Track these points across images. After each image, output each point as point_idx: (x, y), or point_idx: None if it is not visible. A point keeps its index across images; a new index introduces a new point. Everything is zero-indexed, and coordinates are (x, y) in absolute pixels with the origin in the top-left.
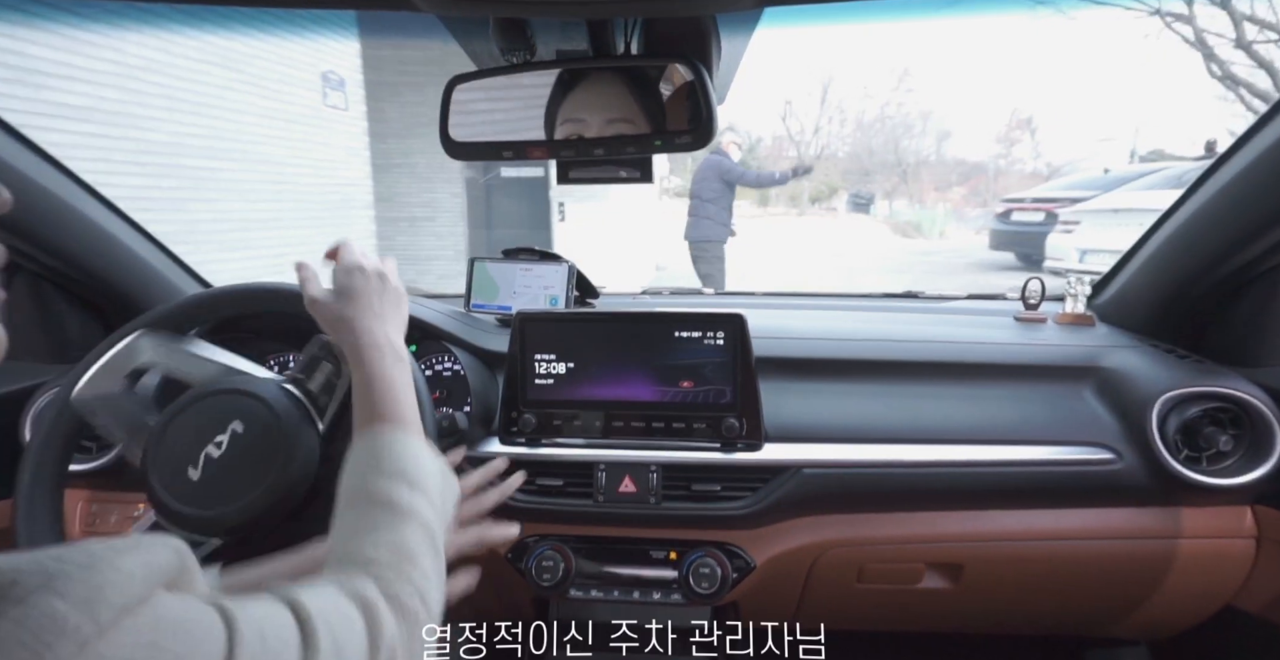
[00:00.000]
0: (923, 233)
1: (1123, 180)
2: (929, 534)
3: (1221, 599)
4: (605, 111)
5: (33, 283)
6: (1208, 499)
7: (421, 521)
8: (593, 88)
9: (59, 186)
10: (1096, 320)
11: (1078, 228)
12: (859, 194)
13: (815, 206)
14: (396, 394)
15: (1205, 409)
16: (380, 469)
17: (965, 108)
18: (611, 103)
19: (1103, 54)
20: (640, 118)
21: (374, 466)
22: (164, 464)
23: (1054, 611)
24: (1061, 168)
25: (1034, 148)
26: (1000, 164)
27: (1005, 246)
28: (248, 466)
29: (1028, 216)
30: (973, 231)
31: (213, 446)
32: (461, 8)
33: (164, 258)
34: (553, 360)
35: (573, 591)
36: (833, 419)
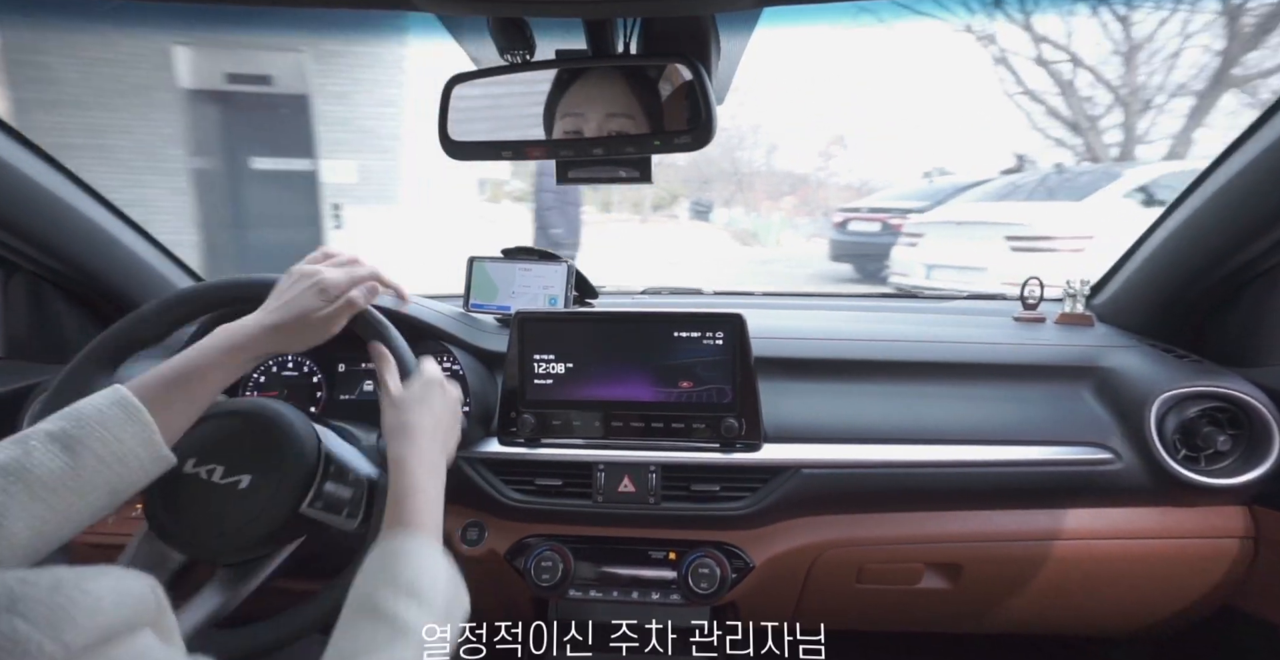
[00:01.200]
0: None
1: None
2: (928, 534)
3: (1219, 599)
4: (605, 106)
5: (31, 283)
6: (1206, 499)
7: (420, 641)
8: (592, 83)
9: (57, 186)
10: (1095, 320)
11: (921, 241)
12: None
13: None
14: (428, 505)
15: (1203, 409)
16: (393, 581)
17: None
18: (611, 97)
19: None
20: (640, 113)
21: (389, 577)
22: (164, 477)
23: (1053, 611)
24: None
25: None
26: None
27: (846, 258)
28: (245, 496)
29: (865, 226)
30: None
31: (216, 469)
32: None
33: (162, 257)
34: (552, 360)
35: (572, 592)
36: (832, 419)
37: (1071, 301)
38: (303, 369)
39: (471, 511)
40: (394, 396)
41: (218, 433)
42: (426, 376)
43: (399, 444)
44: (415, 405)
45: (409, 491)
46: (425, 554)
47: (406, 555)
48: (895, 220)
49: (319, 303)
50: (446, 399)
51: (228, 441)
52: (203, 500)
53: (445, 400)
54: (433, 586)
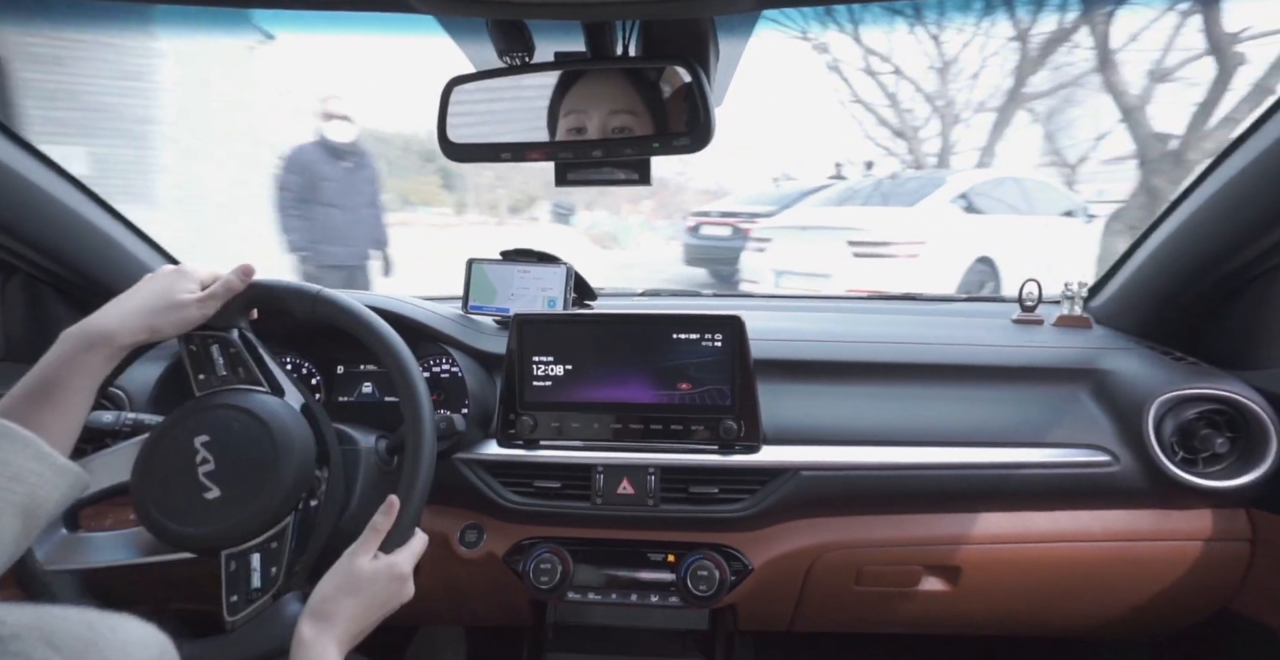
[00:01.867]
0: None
1: (799, 195)
2: (927, 536)
3: (1217, 602)
4: (609, 103)
5: (28, 285)
6: (1203, 501)
7: None
8: (595, 80)
9: (54, 187)
10: (1093, 322)
11: (769, 246)
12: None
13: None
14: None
15: (1201, 411)
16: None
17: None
18: (614, 94)
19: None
20: (643, 110)
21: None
22: (154, 478)
23: (1051, 613)
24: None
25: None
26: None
27: (700, 262)
28: (239, 483)
29: (716, 230)
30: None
31: (204, 462)
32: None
33: (160, 259)
34: (551, 362)
35: (570, 594)
36: (831, 421)
37: (1069, 303)
38: (301, 371)
39: (470, 514)
40: (349, 568)
41: (208, 427)
42: (397, 571)
43: (314, 627)
44: (357, 592)
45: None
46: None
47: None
48: (745, 224)
49: (184, 284)
50: (396, 595)
51: (218, 435)
52: (195, 494)
53: (395, 595)
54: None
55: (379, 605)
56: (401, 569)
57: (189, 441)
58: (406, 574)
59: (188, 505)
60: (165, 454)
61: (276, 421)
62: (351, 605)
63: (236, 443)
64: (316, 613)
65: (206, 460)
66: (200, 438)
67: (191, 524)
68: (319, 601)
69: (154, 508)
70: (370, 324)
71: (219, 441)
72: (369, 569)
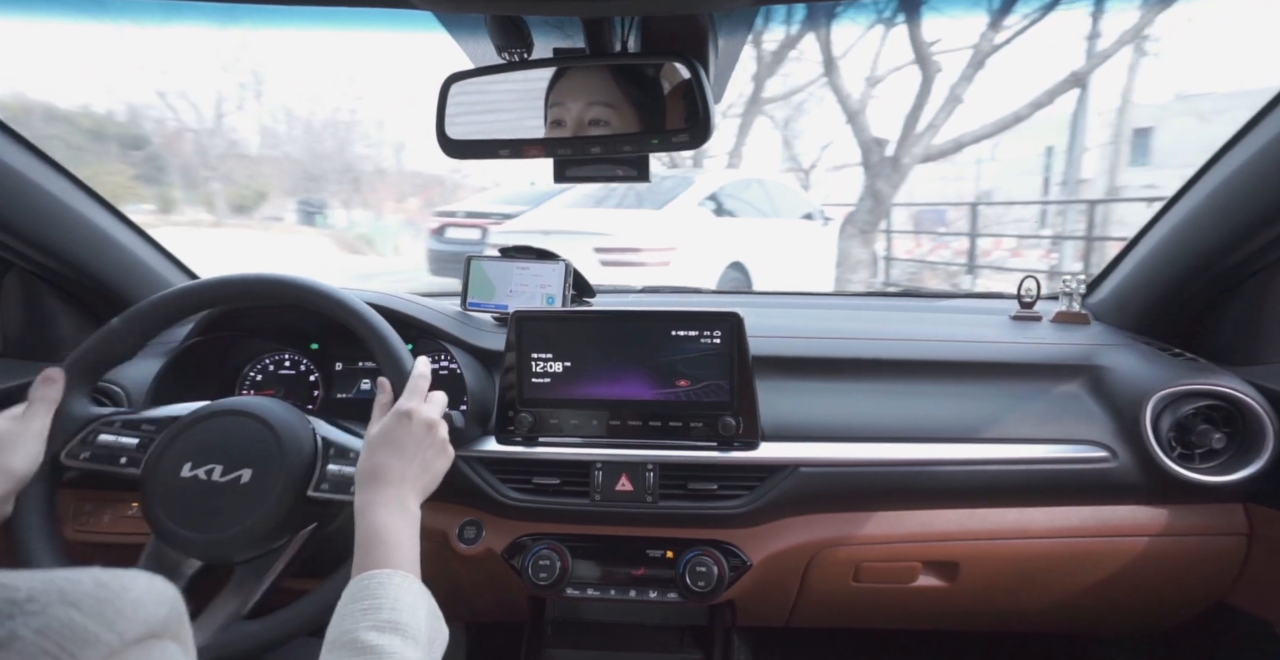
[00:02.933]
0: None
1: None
2: (925, 532)
3: (1213, 596)
4: (586, 95)
5: (26, 281)
6: (1200, 496)
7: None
8: (578, 74)
9: (52, 184)
10: (1091, 319)
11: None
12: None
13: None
14: (397, 548)
15: (1198, 407)
16: (373, 618)
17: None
18: (591, 86)
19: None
20: (623, 103)
21: (367, 613)
22: (163, 484)
23: (1049, 608)
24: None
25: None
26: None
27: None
28: (247, 490)
29: (464, 234)
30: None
31: (215, 468)
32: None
33: (160, 256)
34: (549, 359)
35: (569, 590)
36: (829, 418)
37: (1068, 300)
38: (300, 368)
39: (469, 510)
40: (368, 436)
41: (210, 434)
42: (397, 409)
43: (364, 491)
44: (381, 447)
45: (375, 539)
46: (403, 589)
47: (383, 592)
48: (495, 226)
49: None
50: (415, 430)
51: (222, 441)
52: (206, 501)
53: (415, 432)
54: (413, 620)
55: (411, 447)
56: (404, 406)
57: (192, 449)
58: (411, 407)
59: (200, 510)
60: (173, 462)
61: (277, 419)
62: (387, 457)
63: (242, 444)
64: (362, 478)
65: (214, 467)
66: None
67: (206, 530)
68: (360, 471)
69: (165, 517)
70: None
71: (224, 446)
72: (380, 426)
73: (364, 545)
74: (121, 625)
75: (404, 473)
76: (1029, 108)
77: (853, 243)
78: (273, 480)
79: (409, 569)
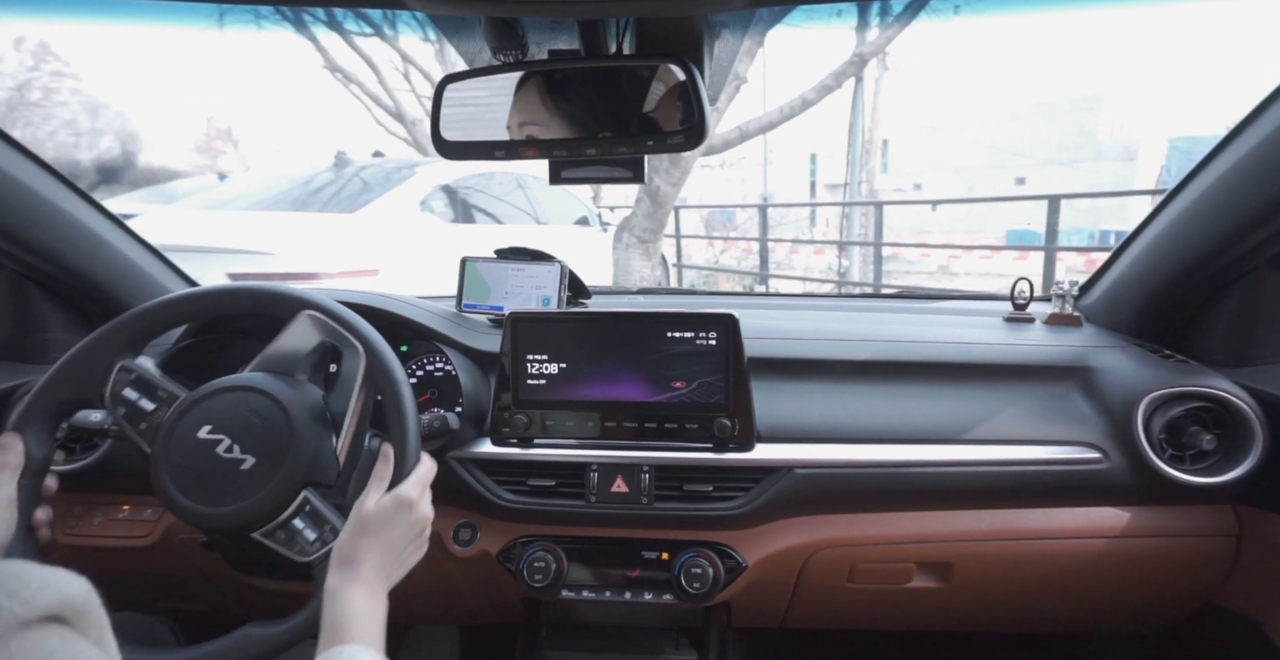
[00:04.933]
0: None
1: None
2: (919, 533)
3: (1204, 596)
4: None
5: (15, 283)
6: (1191, 497)
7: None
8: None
9: (42, 185)
10: (1083, 320)
11: None
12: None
13: None
14: (369, 629)
15: (1189, 408)
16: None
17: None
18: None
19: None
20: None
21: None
22: (173, 459)
23: (1041, 609)
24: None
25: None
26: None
27: None
28: (257, 463)
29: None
30: None
31: (223, 442)
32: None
33: (153, 259)
34: (545, 360)
35: (564, 592)
36: (824, 419)
37: (1060, 302)
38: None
39: (463, 512)
40: (360, 512)
41: (235, 406)
42: (401, 496)
43: (338, 573)
44: (373, 531)
45: (343, 624)
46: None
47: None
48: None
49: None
50: (412, 523)
51: (243, 418)
52: (210, 470)
53: (410, 524)
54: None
55: (400, 538)
56: (408, 496)
57: (201, 426)
58: (414, 499)
59: (214, 486)
60: (181, 439)
61: (285, 395)
62: (371, 545)
63: (251, 419)
64: (339, 561)
65: (222, 440)
66: (209, 424)
67: (221, 504)
68: (339, 550)
69: (178, 492)
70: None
71: (231, 422)
72: (376, 507)
73: (331, 629)
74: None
75: (383, 563)
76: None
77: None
78: (271, 474)
79: (373, 644)
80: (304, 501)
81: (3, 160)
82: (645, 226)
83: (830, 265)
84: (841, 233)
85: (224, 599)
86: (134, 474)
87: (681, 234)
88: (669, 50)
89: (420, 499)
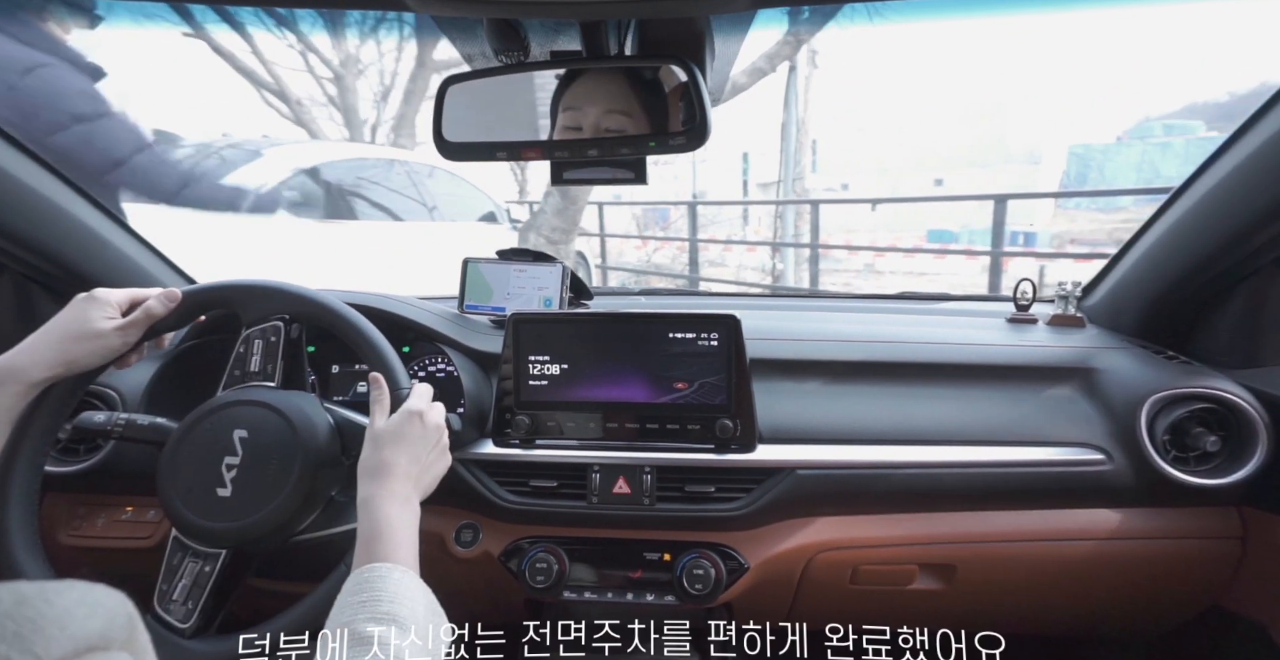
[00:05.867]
0: None
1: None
2: (922, 535)
3: (1208, 599)
4: (605, 102)
5: (19, 284)
6: (1195, 499)
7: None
8: (594, 78)
9: (45, 186)
10: (1086, 322)
11: None
12: None
13: None
14: (399, 544)
15: (1193, 410)
16: (371, 610)
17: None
18: (611, 94)
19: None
20: (639, 111)
21: (366, 605)
22: (180, 477)
23: (1044, 611)
24: None
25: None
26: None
27: None
28: (265, 478)
29: None
30: None
31: (229, 458)
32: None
33: (155, 259)
34: (547, 361)
35: (566, 593)
36: (826, 420)
37: (1063, 303)
38: None
39: (466, 513)
40: (374, 431)
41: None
42: (408, 408)
43: (368, 484)
44: (390, 443)
45: (377, 533)
46: (402, 583)
47: (383, 585)
48: None
49: (100, 311)
50: (426, 431)
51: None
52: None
53: (425, 433)
54: (412, 614)
55: (419, 446)
56: (415, 407)
57: (226, 437)
58: (422, 409)
59: (208, 500)
60: (194, 449)
61: (303, 422)
62: (393, 454)
63: (264, 440)
64: (366, 472)
65: (235, 455)
66: (239, 432)
67: (211, 519)
68: (364, 464)
69: (180, 502)
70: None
71: (249, 438)
72: (387, 423)
73: (366, 539)
74: (40, 646)
75: (409, 469)
76: (748, 75)
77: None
78: (288, 469)
79: (409, 564)
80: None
81: (4, 160)
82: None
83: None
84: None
85: None
86: (137, 476)
87: (606, 233)
88: (671, 51)
89: (428, 409)
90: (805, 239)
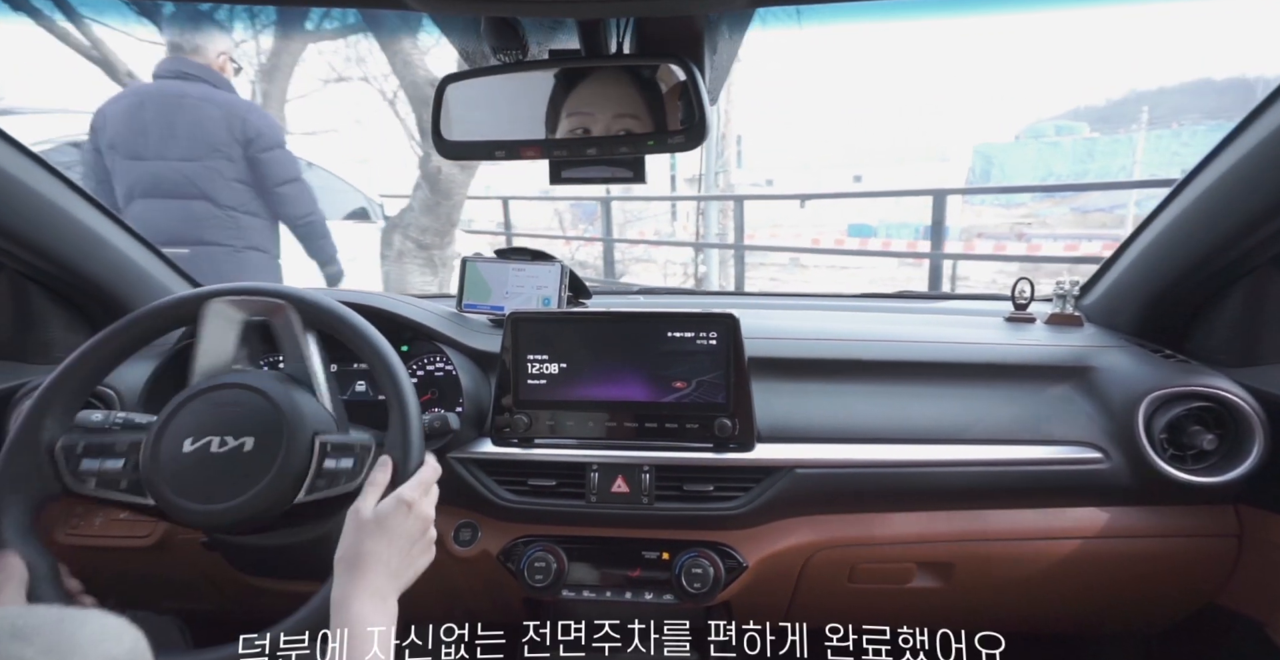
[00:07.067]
0: None
1: None
2: (920, 533)
3: (1205, 597)
4: (615, 106)
5: (16, 282)
6: (1192, 497)
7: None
8: (600, 82)
9: (45, 186)
10: (1084, 320)
11: None
12: None
13: None
14: (368, 646)
15: (1190, 408)
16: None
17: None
18: (620, 97)
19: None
20: (646, 115)
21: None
22: (165, 460)
23: (1042, 609)
24: None
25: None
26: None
27: None
28: (250, 460)
29: None
30: None
31: (214, 441)
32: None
33: (155, 260)
34: (545, 360)
35: (565, 592)
36: (824, 419)
37: (1061, 302)
38: None
39: (464, 512)
40: (359, 518)
41: (205, 408)
42: (400, 496)
43: (344, 581)
44: (373, 533)
45: (351, 634)
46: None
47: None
48: None
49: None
50: (413, 523)
51: (217, 413)
52: (209, 472)
53: (411, 525)
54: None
55: (402, 539)
56: (407, 496)
57: (183, 440)
58: (414, 499)
59: (227, 480)
60: (175, 438)
61: (245, 378)
62: (373, 547)
63: (224, 411)
64: (343, 566)
65: (210, 440)
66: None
67: (246, 490)
68: (341, 557)
69: (198, 504)
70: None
71: (208, 422)
72: (374, 510)
73: (342, 639)
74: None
75: (389, 563)
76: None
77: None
78: (275, 446)
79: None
80: (322, 445)
81: (3, 160)
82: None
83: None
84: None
85: (225, 599)
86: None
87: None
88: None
89: (420, 499)
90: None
